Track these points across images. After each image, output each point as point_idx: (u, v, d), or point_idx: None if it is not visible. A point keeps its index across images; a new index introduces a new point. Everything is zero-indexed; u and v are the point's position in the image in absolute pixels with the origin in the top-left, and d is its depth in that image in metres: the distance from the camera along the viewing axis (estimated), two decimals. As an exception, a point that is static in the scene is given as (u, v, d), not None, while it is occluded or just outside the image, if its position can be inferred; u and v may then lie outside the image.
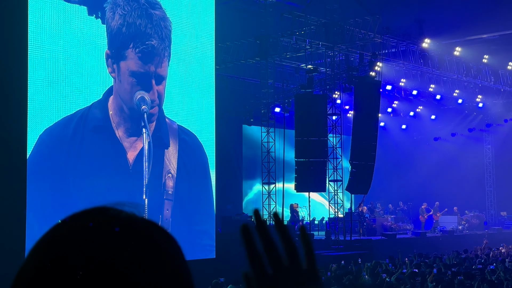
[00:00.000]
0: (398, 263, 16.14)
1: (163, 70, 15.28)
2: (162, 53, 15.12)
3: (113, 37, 14.41)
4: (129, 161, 14.48)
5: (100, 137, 14.08)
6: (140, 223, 1.00)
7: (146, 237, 0.98)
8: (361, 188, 21.28)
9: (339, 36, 21.84)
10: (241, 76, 25.13)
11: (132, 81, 14.55)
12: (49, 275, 0.92)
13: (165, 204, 14.98)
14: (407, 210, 29.37)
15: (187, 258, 1.06)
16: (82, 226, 0.97)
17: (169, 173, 15.07)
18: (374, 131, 21.54)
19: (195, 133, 16.59)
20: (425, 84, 27.29)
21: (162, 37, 15.08)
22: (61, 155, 13.50)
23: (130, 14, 14.47)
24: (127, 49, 14.49)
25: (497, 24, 23.34)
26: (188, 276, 1.03)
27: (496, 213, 31.51)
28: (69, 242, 0.95)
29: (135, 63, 14.53)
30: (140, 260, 0.95)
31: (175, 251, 1.02)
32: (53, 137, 13.35)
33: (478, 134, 32.42)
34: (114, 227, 0.97)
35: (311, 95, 21.78)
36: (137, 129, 14.73)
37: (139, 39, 14.56)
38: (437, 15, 23.43)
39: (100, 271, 0.92)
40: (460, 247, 20.90)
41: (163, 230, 1.03)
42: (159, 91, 15.14)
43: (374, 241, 22.11)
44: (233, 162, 25.15)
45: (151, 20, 14.85)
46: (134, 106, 14.77)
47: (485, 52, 26.51)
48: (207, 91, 17.20)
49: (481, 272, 13.84)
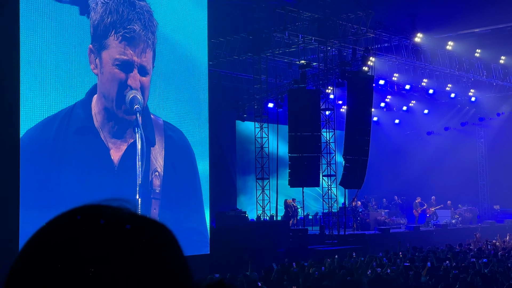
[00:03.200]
0: (392, 257, 16.19)
1: (147, 61, 14.83)
2: (145, 41, 14.68)
3: (95, 28, 14.10)
4: (114, 161, 14.35)
5: (84, 138, 13.91)
6: (131, 217, 1.00)
7: (138, 231, 0.98)
8: (354, 183, 21.32)
9: (331, 31, 21.85)
10: (234, 71, 25.13)
11: (114, 72, 14.15)
12: (40, 276, 0.91)
13: (153, 204, 14.90)
14: (401, 204, 29.45)
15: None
16: (71, 224, 0.96)
17: (156, 171, 14.98)
18: (367, 126, 21.58)
19: (189, 129, 16.58)
20: (418, 79, 27.35)
21: (146, 25, 14.72)
22: (44, 156, 13.27)
23: (113, 1, 14.24)
24: (109, 37, 14.13)
25: (489, 18, 23.40)
26: (185, 268, 1.02)
27: (489, 206, 31.63)
28: (59, 240, 0.94)
29: (117, 51, 14.15)
30: (133, 255, 0.95)
31: (170, 243, 1.02)
32: (33, 139, 13.10)
33: (471, 128, 32.52)
34: (107, 222, 0.96)
35: (304, 90, 21.81)
36: (121, 129, 14.51)
37: (121, 25, 14.22)
38: (429, 10, 23.46)
39: (92, 268, 0.91)
40: (454, 241, 20.99)
41: (156, 223, 1.03)
42: (142, 82, 14.70)
43: (368, 236, 22.18)
44: (227, 158, 25.15)
45: (134, 8, 14.62)
46: (127, 105, 14.63)
47: (478, 46, 26.58)
48: (200, 87, 17.19)
49: (474, 266, 13.91)
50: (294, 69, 24.30)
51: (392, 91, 28.58)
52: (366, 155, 21.35)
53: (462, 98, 30.72)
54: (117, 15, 14.24)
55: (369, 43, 22.54)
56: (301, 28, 21.58)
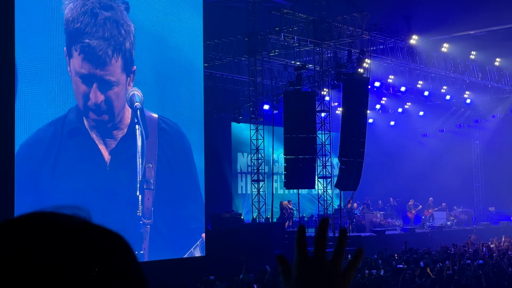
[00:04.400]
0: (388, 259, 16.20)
1: (111, 73, 14.48)
2: (105, 52, 14.27)
3: (66, 32, 13.90)
4: (105, 159, 14.38)
5: (76, 139, 13.96)
6: (83, 225, 0.96)
7: (89, 238, 0.94)
8: (350, 184, 21.33)
9: (327, 33, 21.87)
10: (229, 73, 25.13)
11: (78, 83, 13.98)
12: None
13: (146, 194, 14.94)
14: (397, 206, 29.48)
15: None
16: (20, 229, 0.93)
17: (149, 163, 15.04)
18: (363, 128, 21.59)
19: (184, 131, 16.59)
20: (413, 81, 27.39)
21: (107, 36, 14.26)
22: (38, 159, 13.35)
23: (76, 9, 13.90)
24: (72, 46, 13.94)
25: (484, 20, 23.44)
26: (138, 277, 0.97)
27: (484, 208, 31.68)
28: (7, 246, 0.91)
29: (78, 63, 13.96)
30: (82, 262, 0.91)
31: (122, 250, 0.98)
32: (29, 144, 13.17)
33: (466, 130, 32.59)
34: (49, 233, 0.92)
35: (300, 92, 21.81)
36: (107, 128, 14.47)
37: (79, 37, 13.94)
38: (424, 12, 23.50)
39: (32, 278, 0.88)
40: (449, 242, 21.00)
41: (108, 230, 0.99)
42: (107, 96, 14.34)
43: (364, 238, 22.19)
44: (222, 160, 25.13)
45: (95, 19, 14.16)
46: (127, 102, 14.69)
47: (473, 48, 26.63)
48: (196, 88, 17.18)
49: (469, 267, 13.92)
50: (290, 71, 24.31)
51: (388, 93, 28.60)
52: (362, 157, 21.36)
53: (457, 100, 30.79)
54: (78, 24, 13.95)
55: (365, 45, 22.56)
56: (297, 30, 21.59)
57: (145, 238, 14.64)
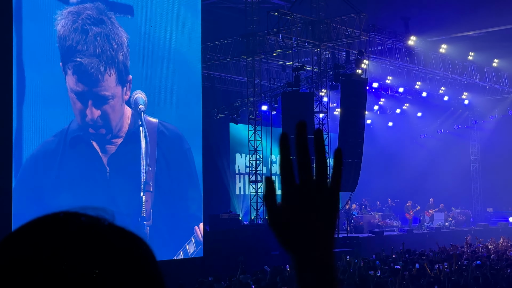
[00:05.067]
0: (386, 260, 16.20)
1: (105, 88, 14.58)
2: (97, 72, 14.34)
3: (58, 48, 14.01)
4: (105, 164, 14.64)
5: (78, 148, 14.24)
6: (109, 227, 0.96)
7: (107, 243, 0.94)
8: (348, 185, 21.32)
9: (325, 34, 21.88)
10: (227, 74, 25.13)
11: (74, 99, 14.15)
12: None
13: (145, 196, 15.21)
14: (395, 207, 29.49)
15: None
16: (48, 229, 0.92)
17: (148, 166, 15.33)
18: (361, 129, 21.61)
19: (182, 132, 16.65)
20: (411, 82, 27.41)
21: (97, 53, 14.30)
22: (41, 171, 13.67)
23: (67, 26, 13.92)
24: (66, 64, 14.07)
25: (482, 21, 23.48)
26: (159, 283, 0.97)
27: (482, 209, 31.71)
28: (21, 252, 0.90)
29: (72, 80, 14.08)
30: (108, 265, 0.91)
31: (142, 256, 0.98)
32: (33, 155, 13.50)
33: (464, 131, 32.62)
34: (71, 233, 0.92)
35: (298, 93, 21.81)
36: (104, 139, 14.69)
37: (70, 56, 13.99)
38: (422, 13, 23.52)
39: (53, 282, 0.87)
40: (447, 243, 21.01)
41: (133, 235, 0.98)
42: (103, 110, 14.50)
43: (362, 238, 22.20)
44: (220, 161, 25.13)
45: (86, 36, 14.17)
46: (131, 105, 15.02)
47: (471, 49, 26.66)
48: (194, 89, 17.19)
49: (467, 268, 13.92)
50: (288, 71, 24.31)
51: (386, 94, 28.62)
52: (360, 157, 21.37)
53: (455, 101, 30.81)
54: (70, 42, 13.98)
55: (363, 46, 22.58)
56: (295, 31, 21.60)
57: (145, 239, 14.82)
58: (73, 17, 13.97)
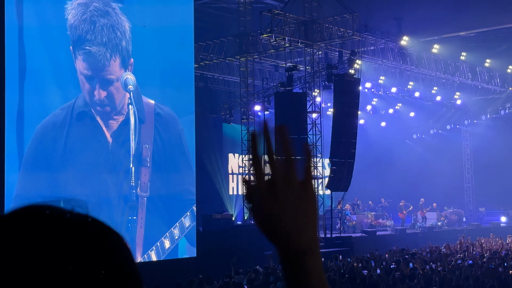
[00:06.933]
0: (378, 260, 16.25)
1: (110, 73, 15.98)
2: (104, 59, 15.81)
3: (69, 36, 15.36)
4: (108, 139, 15.91)
5: (84, 121, 15.58)
6: (81, 219, 0.94)
7: (85, 233, 0.93)
8: (341, 185, 21.37)
9: (318, 34, 21.92)
10: (221, 74, 25.13)
11: (83, 81, 15.57)
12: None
13: (142, 171, 16.38)
14: (388, 207, 29.57)
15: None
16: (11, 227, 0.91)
17: (145, 144, 16.51)
18: (354, 129, 21.64)
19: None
20: (404, 82, 27.48)
21: (104, 42, 15.74)
22: (50, 141, 15.02)
23: (77, 16, 15.33)
24: (76, 50, 15.44)
25: (474, 21, 23.57)
26: (134, 275, 0.95)
27: (475, 209, 31.83)
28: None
29: (81, 65, 15.52)
30: (79, 258, 0.89)
31: (119, 248, 0.96)
32: (43, 126, 14.91)
33: (456, 130, 32.73)
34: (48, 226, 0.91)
35: (291, 93, 21.84)
36: (109, 115, 15.90)
37: (80, 44, 15.40)
38: (415, 13, 23.58)
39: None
40: (440, 243, 21.08)
41: (106, 226, 0.97)
42: (108, 92, 15.89)
43: (355, 238, 22.24)
44: (213, 161, 25.13)
45: (94, 27, 15.55)
46: (122, 86, 16.07)
47: (463, 50, 26.76)
48: (187, 89, 17.22)
49: (459, 267, 13.98)
50: (281, 72, 24.34)
51: (378, 94, 28.69)
52: (353, 157, 21.41)
53: (447, 101, 30.92)
54: (80, 31, 15.42)
55: (356, 46, 22.63)
56: (288, 31, 21.62)
57: (142, 209, 16.04)
58: (82, 9, 15.44)
